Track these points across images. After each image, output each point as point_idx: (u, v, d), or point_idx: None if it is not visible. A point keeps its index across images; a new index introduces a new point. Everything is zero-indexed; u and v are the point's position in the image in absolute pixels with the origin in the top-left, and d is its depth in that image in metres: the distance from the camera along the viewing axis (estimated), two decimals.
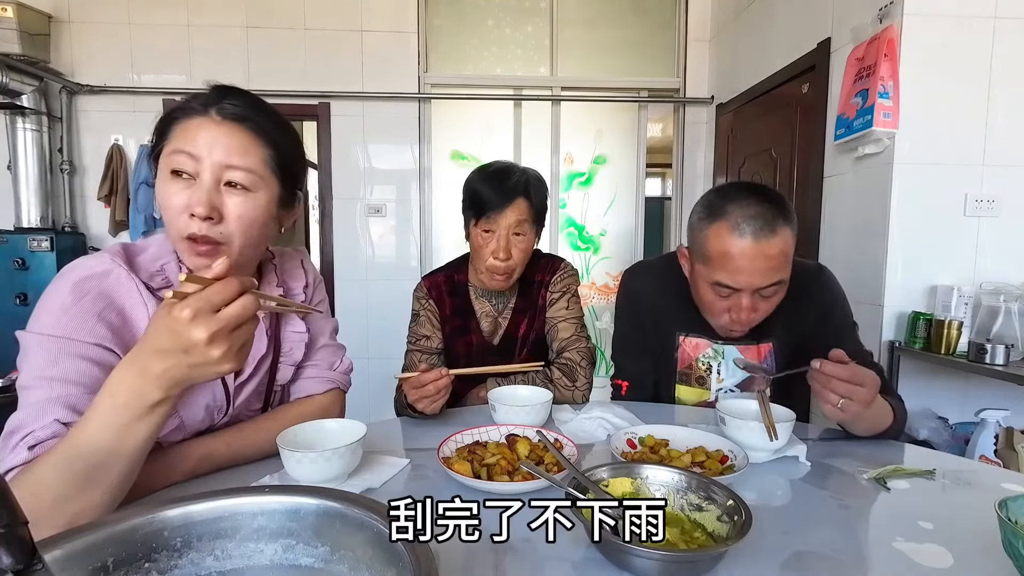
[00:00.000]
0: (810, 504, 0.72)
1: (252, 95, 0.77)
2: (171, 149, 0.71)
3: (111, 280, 0.70)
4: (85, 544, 0.42)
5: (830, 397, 0.81)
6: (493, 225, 1.18)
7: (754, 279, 0.97)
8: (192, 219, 0.70)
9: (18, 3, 2.77)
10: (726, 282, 0.99)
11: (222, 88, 0.75)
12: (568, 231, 3.55)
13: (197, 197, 0.69)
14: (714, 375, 1.19)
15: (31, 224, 3.00)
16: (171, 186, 0.71)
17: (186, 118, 0.72)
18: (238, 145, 0.72)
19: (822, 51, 2.30)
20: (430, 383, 0.97)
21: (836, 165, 2.24)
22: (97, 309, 0.68)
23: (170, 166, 0.71)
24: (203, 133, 0.70)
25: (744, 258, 0.95)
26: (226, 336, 0.56)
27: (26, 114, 2.92)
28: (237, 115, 0.73)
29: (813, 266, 1.18)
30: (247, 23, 3.16)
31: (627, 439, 0.88)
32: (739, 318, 1.02)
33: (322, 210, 3.34)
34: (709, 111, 3.41)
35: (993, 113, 1.92)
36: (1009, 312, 1.78)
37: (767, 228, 0.95)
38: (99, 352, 0.67)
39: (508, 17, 3.39)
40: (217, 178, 0.71)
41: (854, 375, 0.81)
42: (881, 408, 0.92)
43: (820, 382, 0.82)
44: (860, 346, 1.11)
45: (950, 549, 0.60)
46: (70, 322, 0.66)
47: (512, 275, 1.22)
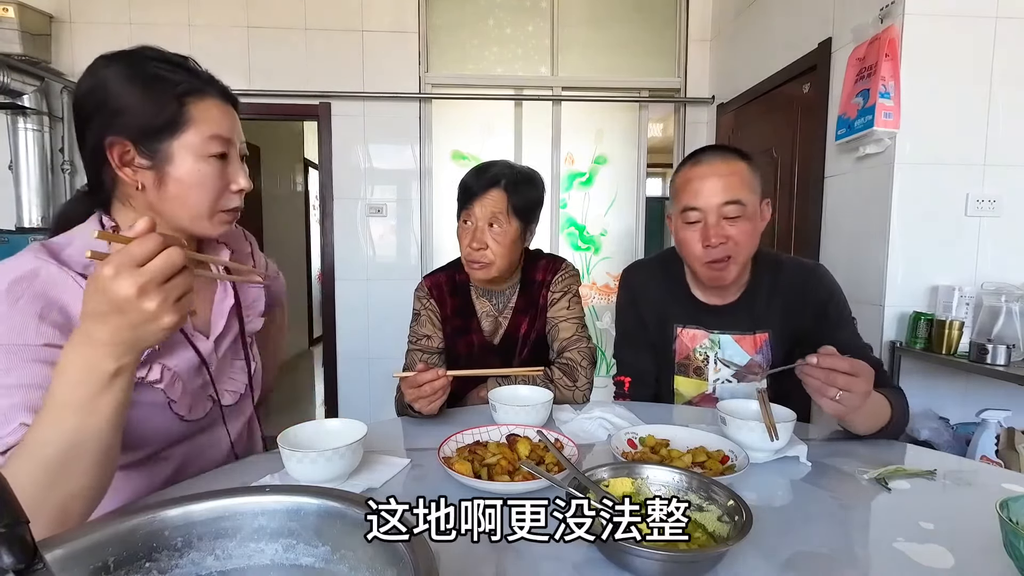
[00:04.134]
0: (811, 504, 0.72)
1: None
2: (206, 134, 0.73)
3: (42, 279, 0.67)
4: (86, 544, 0.42)
5: (828, 391, 0.80)
6: (470, 216, 1.22)
7: (713, 196, 1.08)
8: (235, 194, 0.78)
9: (19, 3, 2.77)
10: (690, 204, 1.11)
11: (199, 68, 0.78)
12: (569, 231, 3.54)
13: (243, 176, 0.78)
14: (711, 365, 1.21)
15: (32, 224, 3.00)
16: (212, 167, 0.75)
17: (197, 99, 0.74)
18: (238, 122, 0.80)
19: (823, 51, 2.30)
20: (426, 383, 0.97)
21: (837, 165, 2.23)
22: (36, 310, 0.65)
23: (208, 150, 0.74)
24: (226, 116, 0.77)
25: (701, 179, 1.10)
26: (157, 288, 0.54)
27: (27, 114, 2.92)
28: (228, 93, 0.79)
29: (810, 263, 1.22)
30: (248, 23, 3.16)
31: (628, 439, 0.88)
32: (710, 241, 1.08)
33: (323, 210, 3.34)
34: (710, 111, 3.41)
35: (994, 113, 1.92)
36: (1010, 312, 1.77)
37: (719, 156, 1.12)
38: (49, 352, 0.64)
39: (509, 17, 3.38)
40: (241, 155, 0.79)
41: (852, 367, 0.81)
42: (878, 403, 0.92)
43: (818, 376, 0.81)
44: (859, 339, 1.12)
45: (951, 549, 0.60)
46: (12, 328, 0.63)
47: (491, 268, 1.22)
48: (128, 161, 0.72)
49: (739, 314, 1.19)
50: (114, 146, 0.71)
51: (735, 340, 1.19)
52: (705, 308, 1.21)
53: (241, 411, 0.93)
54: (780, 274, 1.18)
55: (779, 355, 1.18)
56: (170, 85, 0.72)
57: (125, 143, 0.71)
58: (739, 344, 1.19)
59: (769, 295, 1.17)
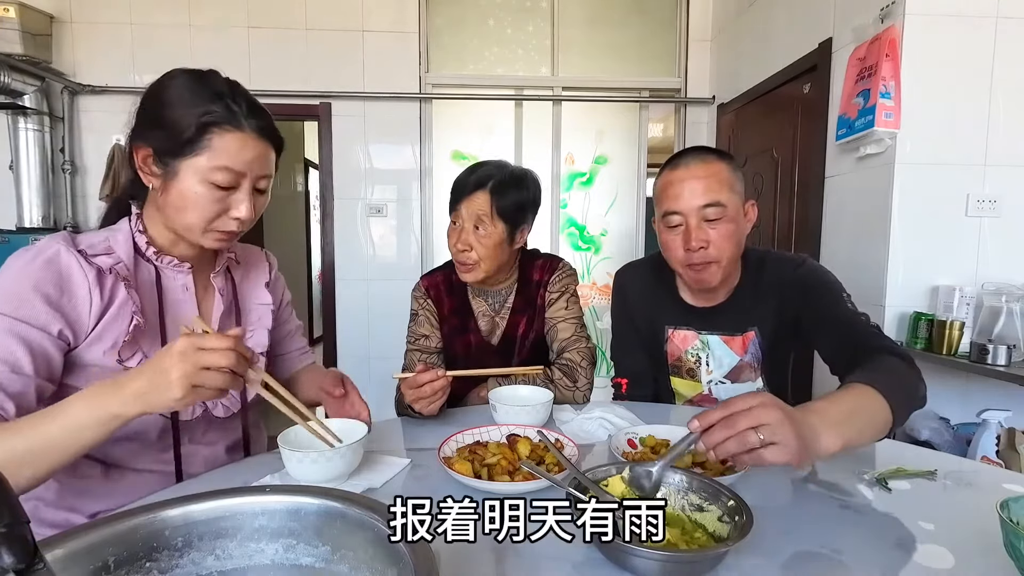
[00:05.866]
0: (811, 504, 0.72)
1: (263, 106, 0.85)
2: (216, 165, 0.77)
3: (48, 253, 0.74)
4: (86, 543, 0.42)
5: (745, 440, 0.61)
6: (458, 216, 1.22)
7: (692, 199, 1.07)
8: (231, 220, 0.80)
9: (20, 3, 2.77)
10: (671, 208, 1.09)
11: (242, 98, 0.81)
12: (569, 231, 3.54)
13: (245, 206, 0.80)
14: (703, 367, 1.21)
15: (33, 224, 3.00)
16: (209, 191, 0.78)
17: (223, 130, 0.77)
18: (267, 157, 0.83)
19: (823, 51, 2.30)
20: (426, 384, 0.97)
21: (837, 165, 2.23)
22: (40, 289, 0.71)
23: (212, 178, 0.77)
24: (248, 152, 0.79)
25: (680, 182, 1.09)
26: (192, 364, 0.61)
27: (28, 114, 2.92)
28: (266, 131, 0.82)
29: (796, 256, 1.19)
30: (248, 23, 3.16)
31: (628, 439, 0.88)
32: (690, 244, 1.07)
33: (323, 210, 3.34)
34: (710, 111, 3.41)
35: (995, 113, 1.92)
36: (1011, 312, 1.77)
37: (697, 158, 1.10)
38: (25, 329, 0.70)
39: (509, 17, 3.38)
40: (253, 187, 0.82)
41: (733, 404, 0.62)
42: (864, 407, 0.74)
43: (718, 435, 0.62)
44: (854, 309, 1.05)
45: (951, 550, 0.60)
46: (9, 300, 0.70)
47: (477, 270, 1.21)
48: (146, 165, 0.80)
49: (727, 315, 1.18)
50: (139, 149, 0.80)
51: (723, 341, 1.19)
52: (694, 310, 1.21)
53: (231, 426, 0.93)
54: (765, 272, 1.16)
55: (770, 352, 1.17)
56: (200, 113, 0.77)
57: (148, 149, 0.79)
58: (728, 345, 1.18)
59: (757, 294, 1.16)
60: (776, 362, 1.19)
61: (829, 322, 1.05)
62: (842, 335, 1.01)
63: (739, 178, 1.10)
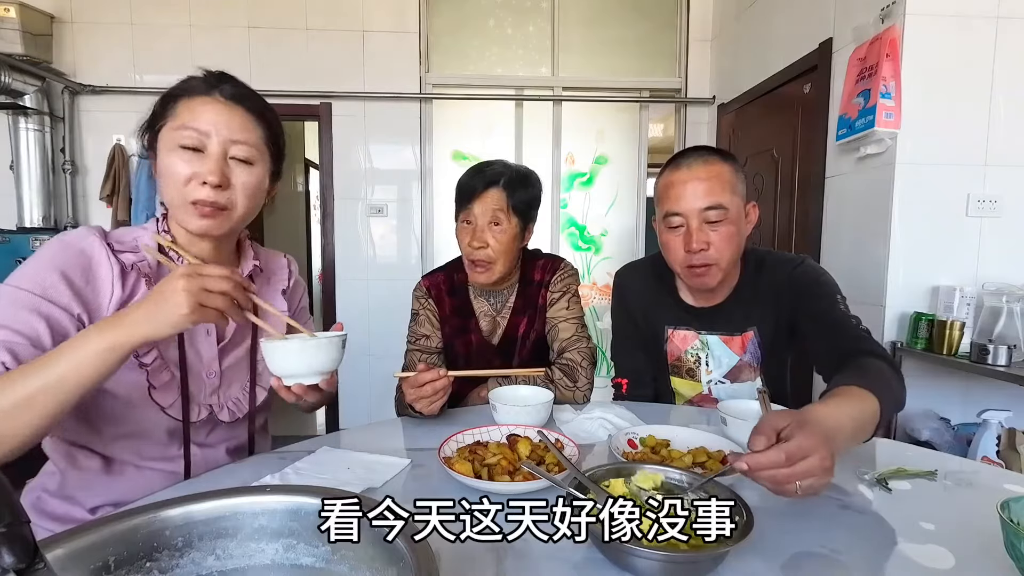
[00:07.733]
0: (811, 505, 0.72)
1: (242, 82, 0.85)
2: (178, 125, 0.78)
3: (82, 243, 0.77)
4: (87, 543, 0.42)
5: (785, 489, 0.62)
6: (470, 215, 1.22)
7: (694, 201, 1.07)
8: (202, 186, 0.78)
9: (20, 3, 2.78)
10: (672, 209, 1.09)
11: (219, 73, 0.83)
12: (569, 231, 3.54)
13: (209, 167, 0.78)
14: (703, 367, 1.21)
15: (33, 224, 3.00)
16: (178, 157, 0.78)
17: (189, 97, 0.80)
18: (241, 123, 0.81)
19: (824, 51, 2.30)
20: (427, 383, 0.97)
21: (838, 165, 2.23)
22: (65, 273, 0.74)
23: (178, 141, 0.78)
24: (210, 112, 0.79)
25: (682, 184, 1.08)
26: (196, 284, 0.64)
27: (28, 114, 2.93)
28: (238, 96, 0.82)
29: (794, 256, 1.19)
30: (249, 23, 3.16)
31: (628, 439, 0.88)
32: (691, 246, 1.07)
33: (323, 210, 3.34)
34: (711, 111, 3.41)
35: (995, 113, 1.92)
36: (1011, 313, 1.77)
37: (699, 159, 1.09)
38: (48, 307, 0.71)
39: (509, 17, 3.38)
40: (224, 151, 0.80)
41: (791, 453, 0.60)
42: (867, 416, 0.76)
43: (766, 478, 0.62)
44: (846, 311, 1.05)
45: (952, 550, 0.60)
46: (35, 281, 0.72)
47: (492, 267, 1.22)
48: (150, 156, 0.84)
49: (727, 315, 1.18)
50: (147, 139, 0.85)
51: (723, 341, 1.19)
52: (694, 310, 1.21)
53: (236, 431, 0.93)
54: (765, 272, 1.16)
55: (769, 352, 1.17)
56: (176, 90, 0.81)
57: (147, 138, 0.84)
58: (727, 345, 1.19)
59: (756, 294, 1.16)
60: (775, 362, 1.20)
61: (820, 322, 1.05)
62: (832, 336, 1.02)
63: (741, 179, 1.10)
